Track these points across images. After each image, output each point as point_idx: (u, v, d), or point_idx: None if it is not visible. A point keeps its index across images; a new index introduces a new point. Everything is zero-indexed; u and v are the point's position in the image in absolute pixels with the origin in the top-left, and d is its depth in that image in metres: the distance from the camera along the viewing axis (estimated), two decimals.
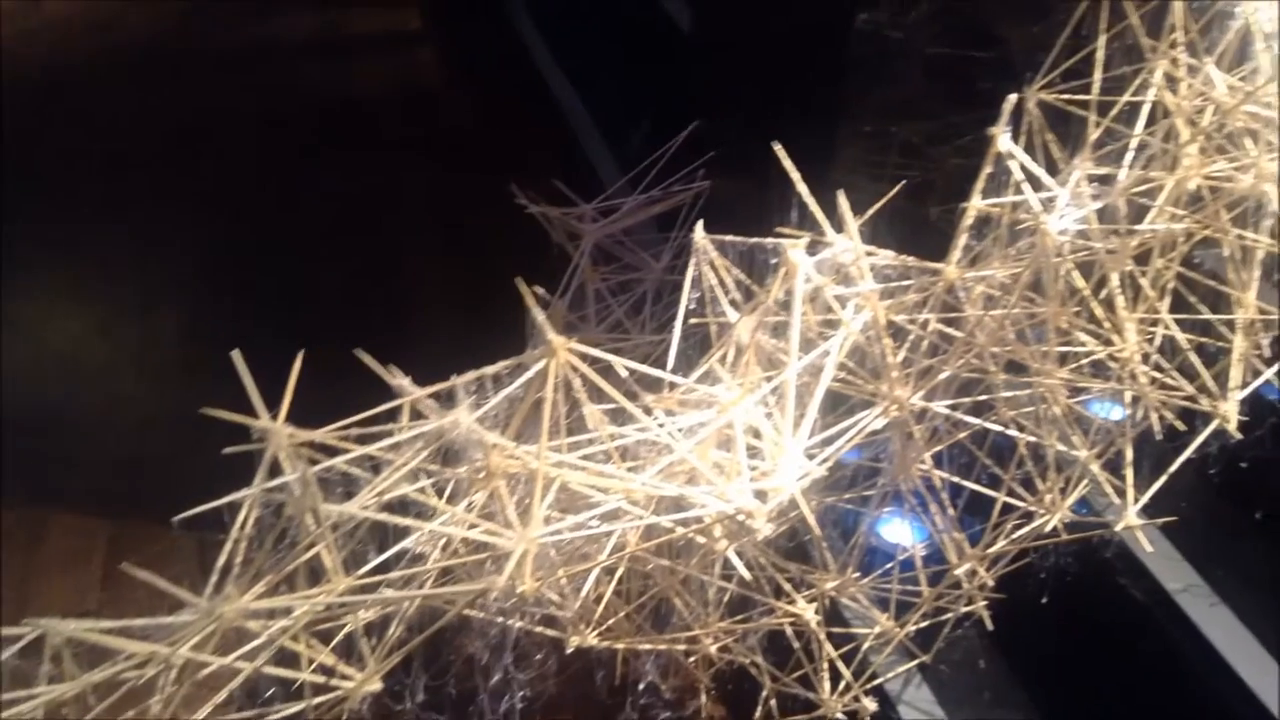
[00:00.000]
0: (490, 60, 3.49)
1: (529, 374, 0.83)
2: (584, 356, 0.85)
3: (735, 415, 0.97)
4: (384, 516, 0.79)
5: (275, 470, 0.81)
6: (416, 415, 0.91)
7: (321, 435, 0.80)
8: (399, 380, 0.91)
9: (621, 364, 0.92)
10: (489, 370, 0.91)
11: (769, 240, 1.15)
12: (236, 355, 0.81)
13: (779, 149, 1.18)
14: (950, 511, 1.28)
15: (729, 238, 1.20)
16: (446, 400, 0.91)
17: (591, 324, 1.54)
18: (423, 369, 1.00)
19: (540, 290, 1.41)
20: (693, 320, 1.20)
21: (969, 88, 1.50)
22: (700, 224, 1.19)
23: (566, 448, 0.89)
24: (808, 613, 1.29)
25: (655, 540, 1.09)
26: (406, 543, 0.83)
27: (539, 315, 0.84)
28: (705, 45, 1.85)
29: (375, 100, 3.35)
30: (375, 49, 3.64)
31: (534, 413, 0.87)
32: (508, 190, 1.49)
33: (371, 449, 0.83)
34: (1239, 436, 1.19)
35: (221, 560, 0.83)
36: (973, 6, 1.53)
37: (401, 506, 0.84)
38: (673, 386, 1.04)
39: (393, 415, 0.92)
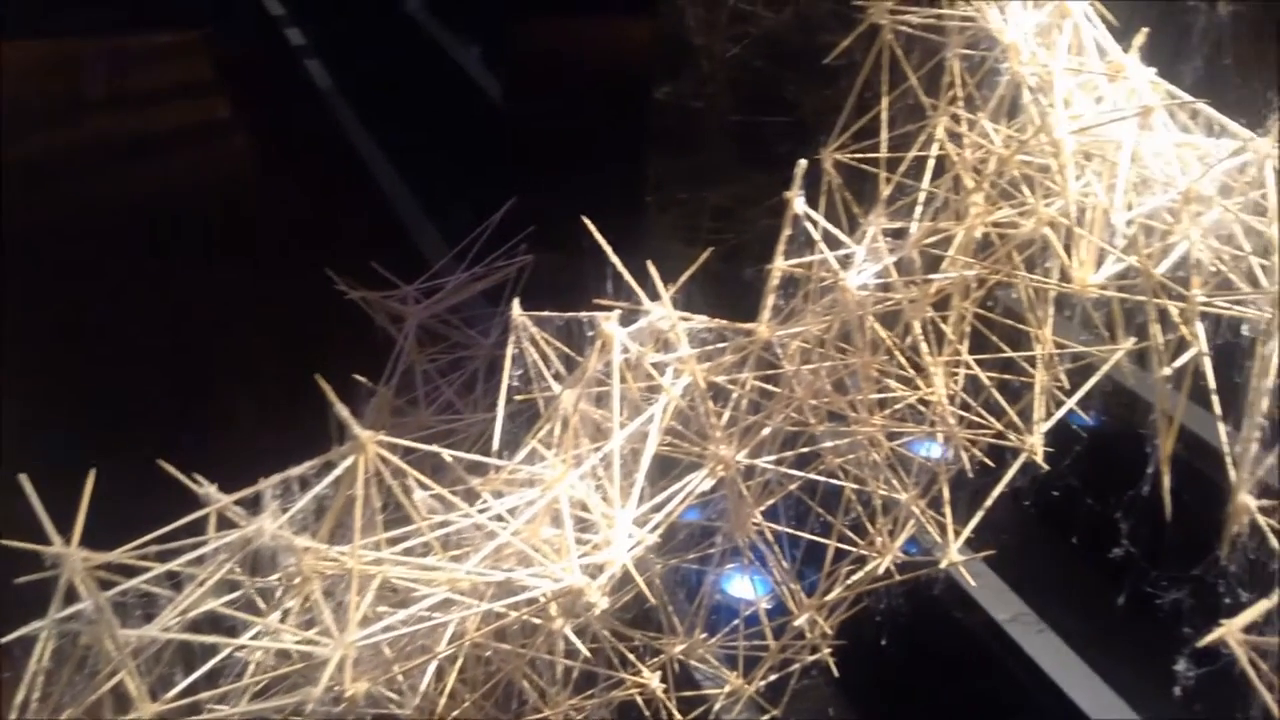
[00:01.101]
0: (305, 144, 3.44)
1: (337, 471, 0.81)
2: (395, 447, 0.84)
3: (560, 492, 0.96)
4: (186, 636, 0.76)
5: (73, 596, 0.77)
6: (229, 523, 0.88)
7: (118, 556, 0.76)
8: (204, 489, 0.88)
9: (440, 451, 0.90)
10: (294, 472, 0.88)
11: (584, 315, 1.16)
12: (24, 479, 0.76)
13: (588, 223, 1.20)
14: (786, 564, 1.29)
15: (546, 313, 1.21)
16: (255, 505, 0.88)
17: (421, 407, 1.51)
18: (251, 469, 0.96)
19: (362, 379, 1.39)
20: (519, 398, 1.20)
21: (771, 151, 1.56)
22: (516, 302, 1.19)
23: (386, 543, 0.87)
24: (652, 681, 1.29)
25: (494, 625, 1.07)
26: (220, 659, 0.79)
27: (342, 411, 0.82)
28: (518, 121, 1.87)
29: (188, 195, 3.26)
30: (186, 143, 3.54)
31: (351, 510, 0.85)
32: (327, 277, 1.46)
33: (172, 565, 0.79)
34: (1047, 467, 1.24)
35: (19, 697, 0.78)
36: (766, 76, 1.59)
37: (212, 622, 0.80)
38: (500, 467, 1.03)
39: (201, 526, 0.88)
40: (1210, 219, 1.02)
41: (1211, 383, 0.97)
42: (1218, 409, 0.95)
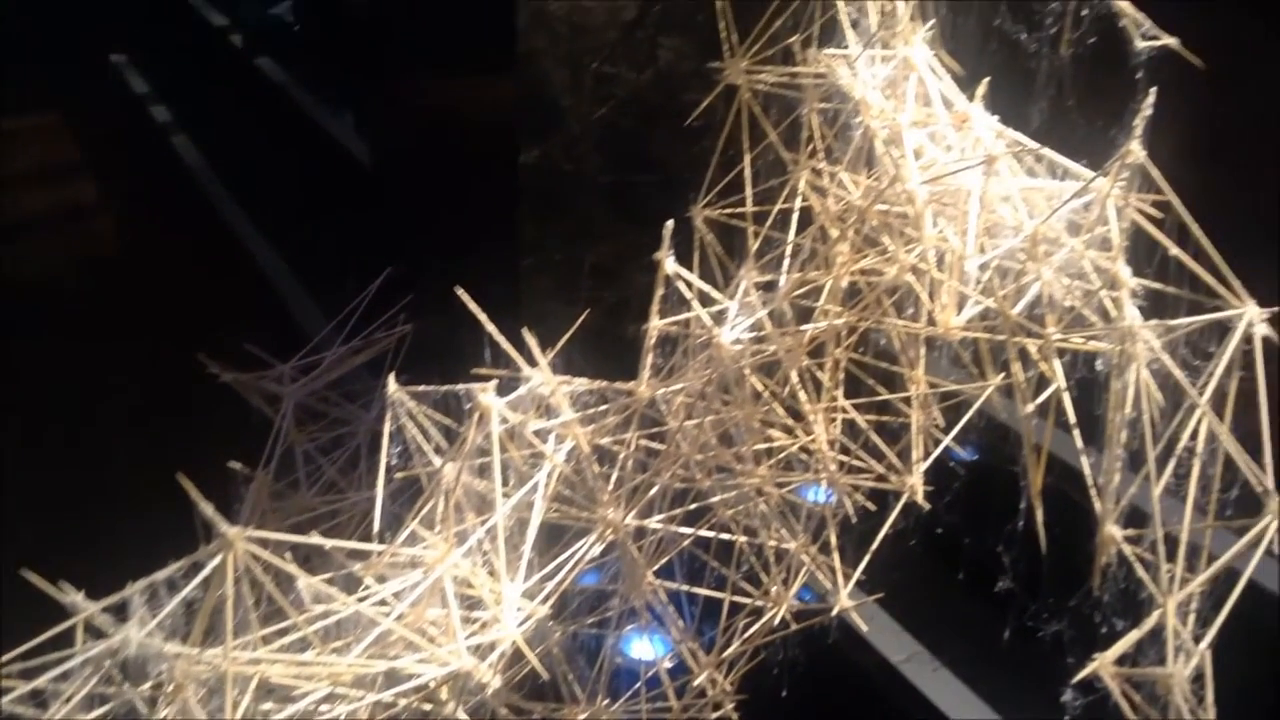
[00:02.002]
0: (175, 223, 3.36)
1: (205, 572, 0.78)
2: (265, 542, 0.81)
3: (444, 571, 0.95)
4: None
5: None
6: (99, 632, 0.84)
7: None
8: (70, 597, 0.84)
9: (314, 542, 0.88)
10: (160, 575, 0.85)
11: (461, 387, 1.15)
12: None
13: (462, 293, 1.19)
14: (684, 623, 1.29)
15: (423, 388, 1.19)
16: (124, 612, 0.84)
17: (303, 489, 1.48)
18: (120, 571, 0.92)
19: (239, 466, 1.35)
20: (399, 475, 1.18)
21: (643, 209, 1.58)
22: (392, 377, 1.18)
23: (263, 639, 0.84)
24: None
25: (385, 715, 1.04)
26: None
27: (206, 509, 0.79)
28: (390, 190, 1.85)
29: (54, 280, 3.15)
30: (52, 226, 3.43)
31: (224, 610, 0.82)
32: (199, 362, 1.43)
33: (36, 684, 0.75)
34: (928, 506, 1.27)
35: None
36: (634, 136, 1.61)
37: None
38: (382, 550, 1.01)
39: (68, 638, 0.84)
40: (1060, 258, 1.05)
41: (1071, 417, 1.01)
42: (1079, 443, 0.98)
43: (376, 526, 1.07)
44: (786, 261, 1.27)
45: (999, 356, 1.17)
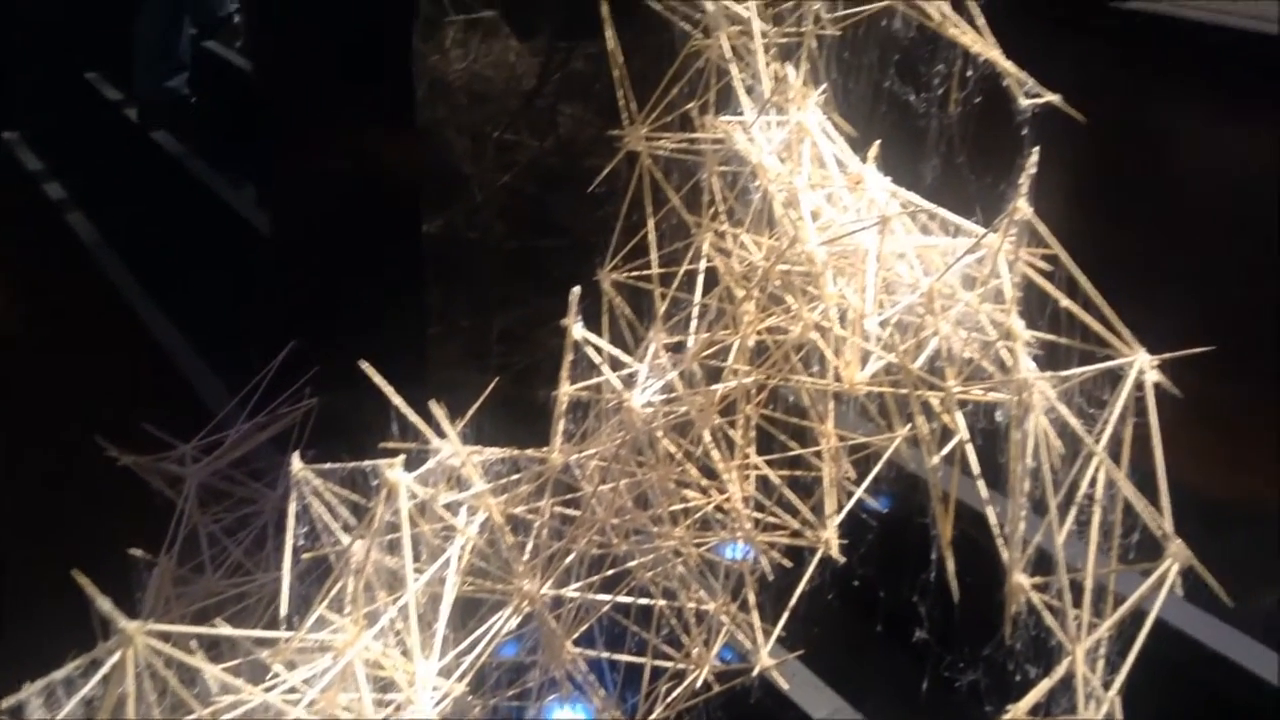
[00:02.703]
0: (72, 301, 3.27)
1: (104, 669, 0.75)
2: (167, 634, 0.79)
3: (354, 655, 0.92)
4: None
5: None
6: None
7: None
8: None
9: (218, 633, 0.85)
10: (58, 674, 0.82)
11: (368, 463, 1.13)
12: None
13: (366, 366, 1.18)
14: (604, 691, 1.28)
15: (328, 465, 1.18)
16: (19, 715, 0.80)
17: (208, 573, 1.44)
18: (15, 671, 0.89)
19: (139, 553, 1.32)
20: (306, 556, 1.15)
21: (551, 274, 1.58)
22: (296, 455, 1.16)
23: None
24: None
25: None
26: None
27: (104, 604, 0.76)
28: (292, 262, 1.83)
29: None
30: None
31: (124, 709, 0.79)
32: (98, 444, 1.39)
33: None
34: (843, 559, 1.28)
35: None
36: (538, 202, 1.62)
37: None
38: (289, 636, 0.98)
39: None
40: (957, 312, 1.08)
41: (975, 468, 1.03)
42: (984, 493, 1.00)
43: (284, 610, 1.04)
44: (694, 323, 1.29)
45: (904, 408, 1.19)
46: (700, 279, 1.30)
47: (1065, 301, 1.03)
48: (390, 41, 1.57)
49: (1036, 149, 1.04)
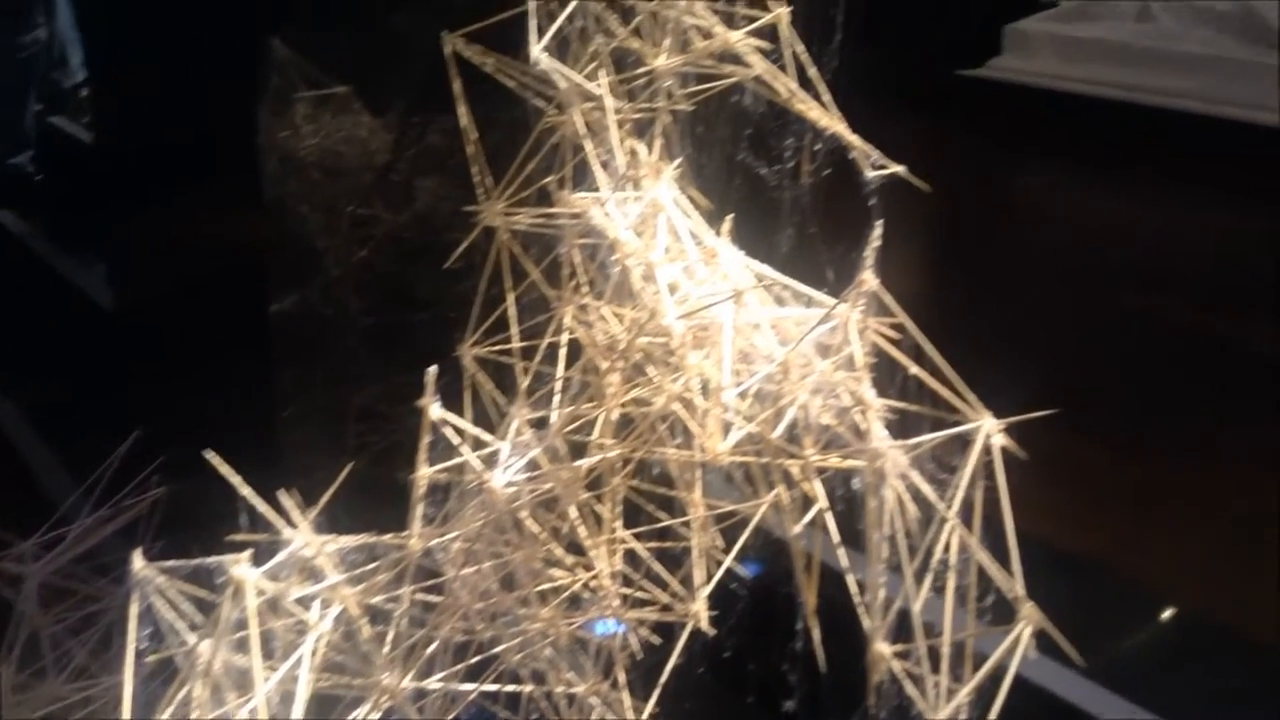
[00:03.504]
0: None
1: None
2: None
3: None
4: None
5: None
6: None
7: None
8: None
9: None
10: None
11: (213, 559, 1.08)
12: None
13: (211, 455, 1.14)
14: None
15: (172, 562, 1.12)
16: None
17: (51, 677, 1.37)
18: None
19: None
20: (150, 658, 1.09)
21: (411, 350, 1.55)
22: (138, 552, 1.10)
23: None
24: None
25: None
26: None
27: None
28: (138, 344, 1.77)
29: None
30: None
31: None
32: None
33: None
34: (713, 631, 1.27)
35: None
36: (396, 276, 1.60)
37: None
38: None
39: None
40: (812, 381, 1.10)
41: (835, 536, 1.04)
42: (844, 562, 1.01)
43: (127, 713, 0.99)
44: (557, 397, 1.28)
45: (768, 475, 1.20)
46: (563, 352, 1.30)
47: (914, 369, 1.06)
48: (239, 117, 1.54)
49: (881, 222, 1.07)
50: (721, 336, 1.10)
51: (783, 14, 1.27)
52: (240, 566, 0.97)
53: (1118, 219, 3.54)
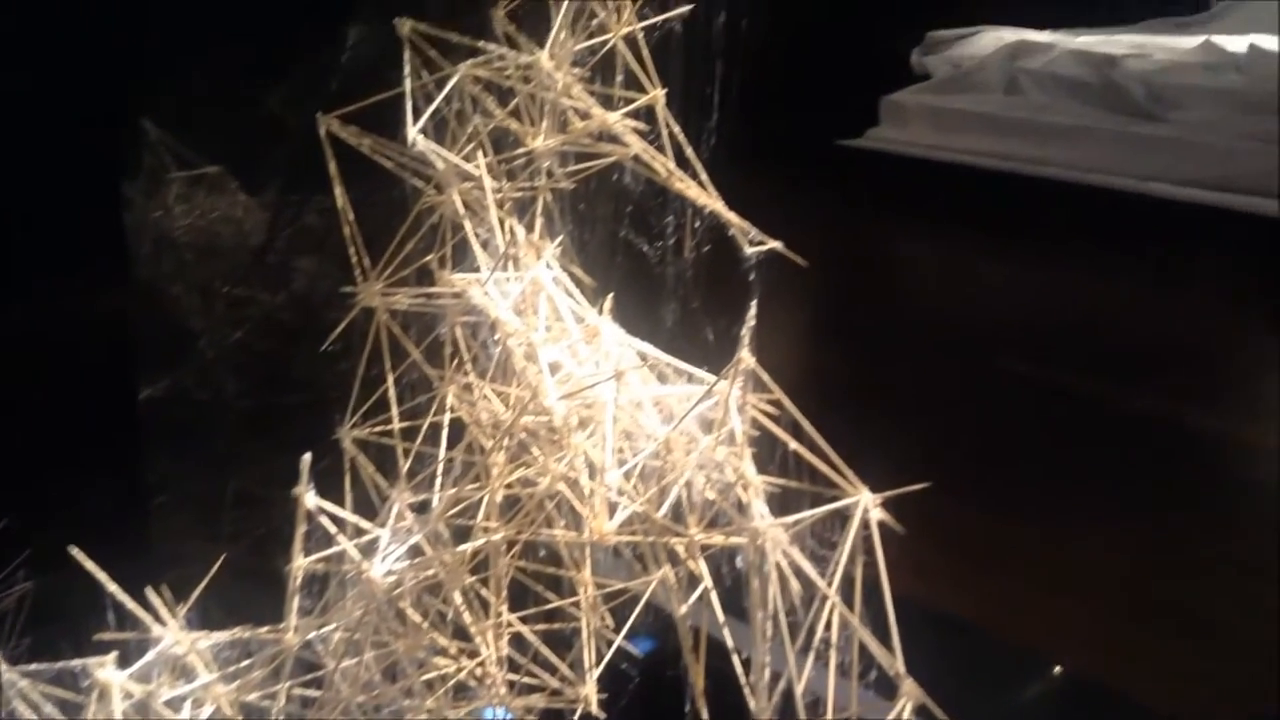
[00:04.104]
0: None
1: None
2: None
3: None
4: None
5: None
6: None
7: None
8: None
9: None
10: None
11: (77, 662, 1.03)
12: None
13: (76, 551, 1.09)
14: None
15: (35, 665, 1.06)
16: None
17: None
18: None
19: None
20: None
21: (290, 433, 1.51)
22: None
23: None
24: None
25: None
26: None
27: None
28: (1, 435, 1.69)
29: None
30: None
31: None
32: None
33: None
34: (603, 715, 1.25)
35: None
36: (274, 358, 1.56)
37: None
38: None
39: None
40: (695, 458, 1.10)
41: (720, 615, 1.03)
42: (731, 640, 1.00)
43: None
44: (439, 480, 1.25)
45: (657, 552, 1.20)
46: (445, 433, 1.28)
47: (794, 444, 1.07)
48: (109, 198, 1.50)
49: (756, 301, 1.08)
50: (604, 416, 1.10)
51: (659, 96, 1.29)
52: (105, 669, 0.92)
53: (991, 285, 3.67)
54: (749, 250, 1.33)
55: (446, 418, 1.28)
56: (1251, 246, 3.73)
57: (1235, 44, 4.90)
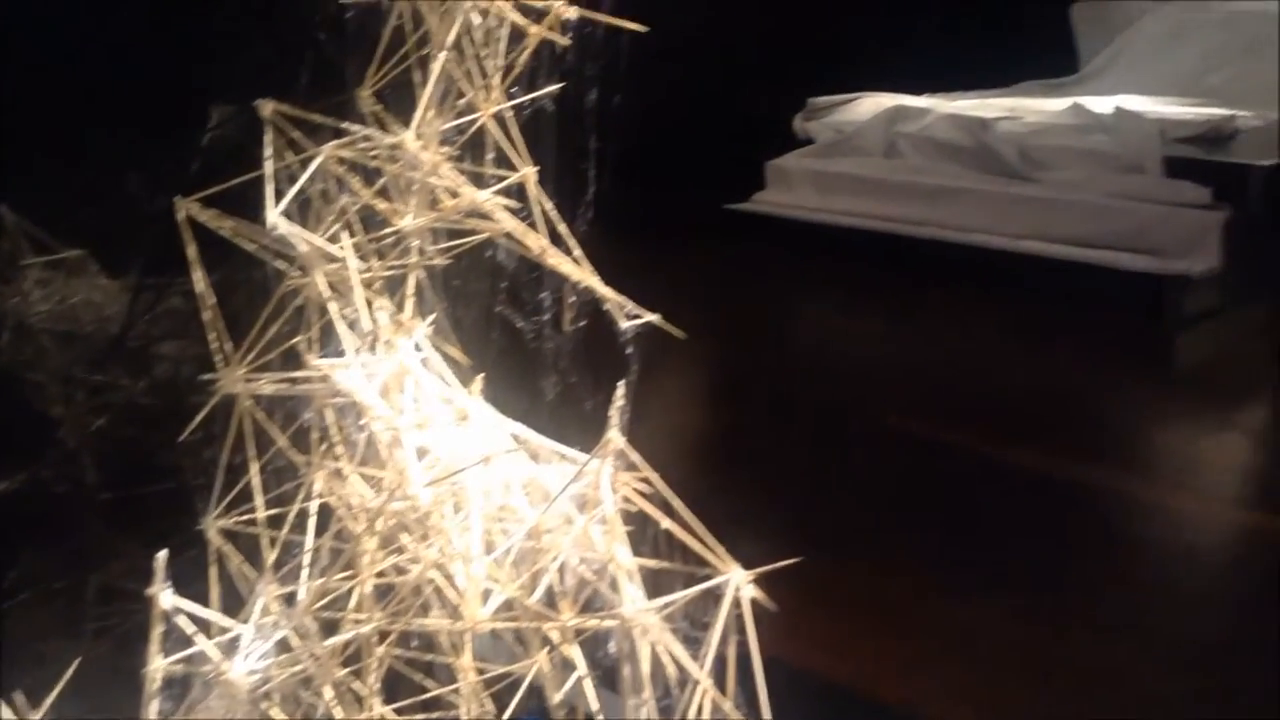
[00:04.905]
0: None
1: None
2: None
3: None
4: None
5: None
6: None
7: None
8: None
9: None
10: None
11: None
12: None
13: None
14: None
15: None
16: None
17: None
18: None
19: None
20: None
21: (154, 523, 1.46)
22: None
23: None
24: None
25: None
26: None
27: None
28: None
29: None
30: None
31: None
32: None
33: None
34: None
35: None
36: (138, 446, 1.51)
37: None
38: None
39: None
40: (569, 540, 1.08)
41: (594, 701, 1.01)
42: None
43: None
44: (305, 571, 1.22)
45: (533, 638, 1.17)
46: (312, 520, 1.24)
47: (666, 523, 1.06)
48: None
49: (624, 382, 1.08)
50: (474, 502, 1.08)
51: (529, 174, 1.29)
52: None
53: (875, 344, 3.75)
54: (624, 325, 1.33)
55: (314, 504, 1.25)
56: (1121, 301, 3.88)
57: (1102, 105, 5.13)
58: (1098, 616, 2.06)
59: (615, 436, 1.04)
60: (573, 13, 1.21)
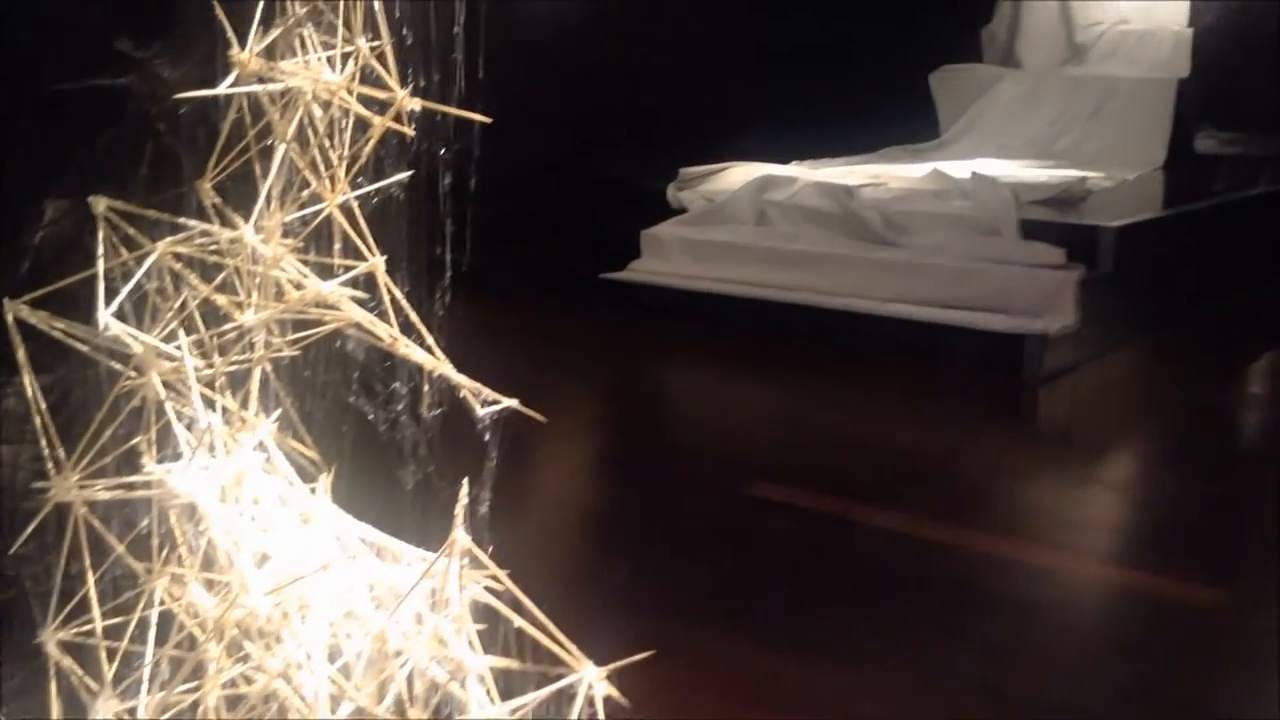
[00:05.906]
0: None
1: None
2: None
3: None
4: None
5: None
6: None
7: None
8: None
9: None
10: None
11: None
12: None
13: None
14: None
15: None
16: None
17: None
18: None
19: None
20: None
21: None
22: None
23: None
24: None
25: None
26: None
27: None
28: None
29: None
30: None
31: None
32: None
33: None
34: None
35: None
36: None
37: None
38: None
39: None
40: (420, 642, 1.06)
41: None
42: None
43: None
44: (145, 684, 1.16)
45: None
46: (153, 630, 1.19)
47: (519, 621, 1.04)
48: None
49: (466, 481, 1.07)
50: (318, 607, 1.05)
51: (378, 264, 1.27)
52: None
53: (748, 410, 3.80)
54: (480, 412, 1.32)
55: (155, 613, 1.20)
56: (984, 360, 4.01)
57: (960, 170, 5.34)
58: (959, 674, 2.09)
59: (460, 537, 1.03)
60: (415, 104, 1.21)
